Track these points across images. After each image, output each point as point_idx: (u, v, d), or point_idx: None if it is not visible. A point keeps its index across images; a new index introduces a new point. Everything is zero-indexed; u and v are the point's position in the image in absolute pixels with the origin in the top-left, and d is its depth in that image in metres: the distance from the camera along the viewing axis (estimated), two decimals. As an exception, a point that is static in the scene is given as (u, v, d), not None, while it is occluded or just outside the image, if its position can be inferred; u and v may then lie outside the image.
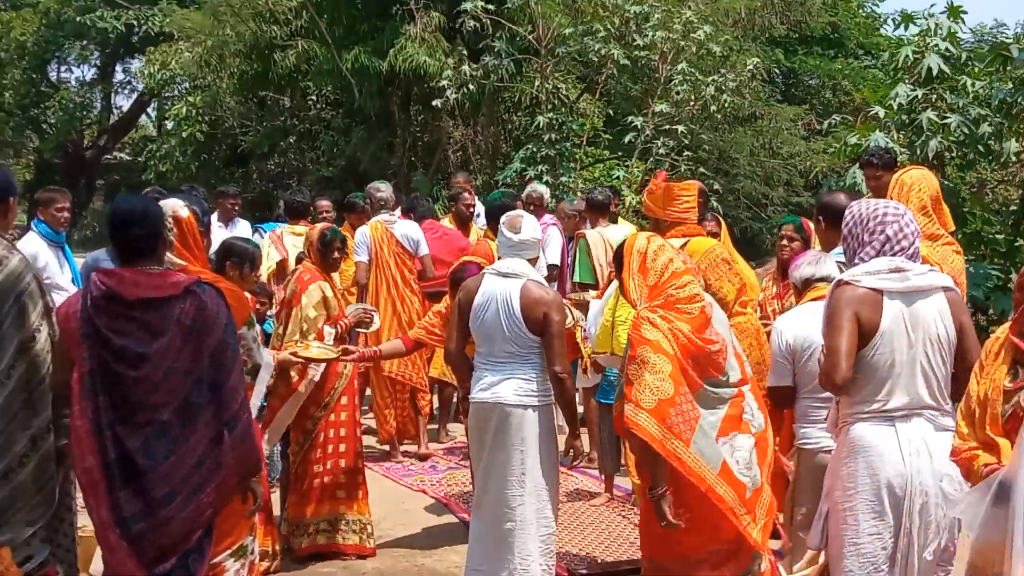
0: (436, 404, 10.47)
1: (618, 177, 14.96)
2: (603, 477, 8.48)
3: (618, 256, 5.32)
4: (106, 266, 5.09)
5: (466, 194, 11.00)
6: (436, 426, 10.45)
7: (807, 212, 19.58)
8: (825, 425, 5.12)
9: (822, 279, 5.41)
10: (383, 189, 9.78)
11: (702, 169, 15.50)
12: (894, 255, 4.59)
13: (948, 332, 4.55)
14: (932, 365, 4.54)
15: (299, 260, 7.89)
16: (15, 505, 4.51)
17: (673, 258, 5.22)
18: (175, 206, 4.96)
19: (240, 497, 4.99)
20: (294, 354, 6.06)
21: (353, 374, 7.34)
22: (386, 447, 9.71)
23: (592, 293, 8.43)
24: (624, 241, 5.37)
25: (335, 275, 7.73)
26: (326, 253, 7.33)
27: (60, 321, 4.48)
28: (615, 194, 11.16)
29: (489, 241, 8.69)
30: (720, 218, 7.39)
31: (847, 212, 4.81)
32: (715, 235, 6.99)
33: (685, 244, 5.83)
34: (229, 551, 4.95)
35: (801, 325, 5.25)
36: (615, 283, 6.27)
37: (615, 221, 10.29)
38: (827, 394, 5.06)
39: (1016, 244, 8.33)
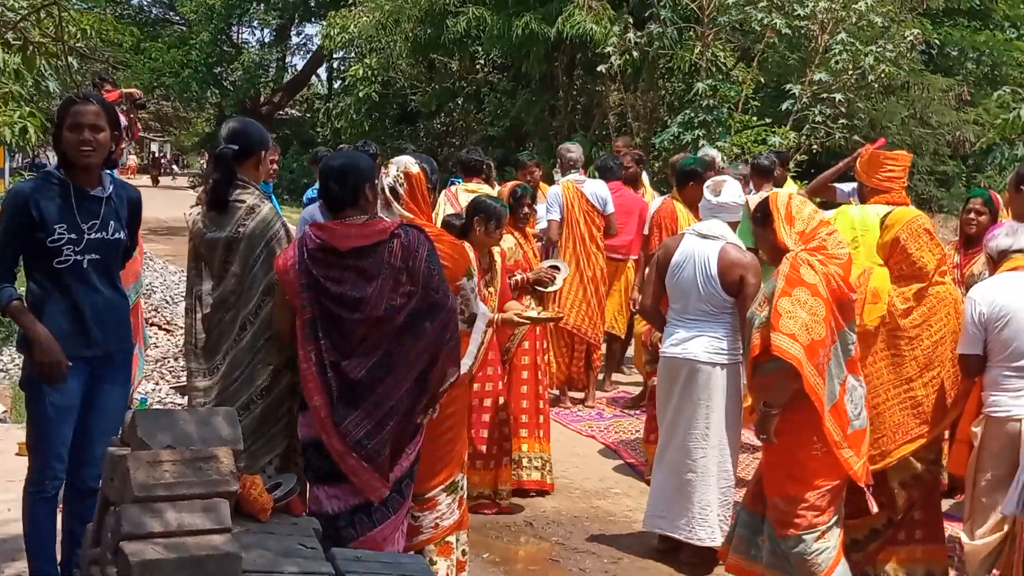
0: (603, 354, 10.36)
1: (773, 144, 14.63)
2: None
3: (763, 209, 5.16)
4: (318, 219, 5.08)
5: (628, 157, 10.81)
6: (602, 376, 10.34)
7: (948, 182, 18.98)
8: (1017, 394, 4.95)
9: (1019, 250, 5.16)
10: (573, 150, 9.65)
11: (856, 136, 15.15)
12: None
13: None
14: None
15: None
16: (253, 434, 4.56)
17: (816, 209, 5.15)
18: (407, 163, 4.94)
19: (451, 435, 5.02)
20: (518, 314, 6.01)
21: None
22: (556, 392, 9.65)
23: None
24: (767, 197, 5.22)
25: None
26: (517, 208, 7.30)
27: (279, 272, 4.46)
28: (781, 160, 10.85)
29: (675, 201, 8.49)
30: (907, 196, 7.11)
31: None
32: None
33: (889, 213, 5.62)
34: (442, 486, 5.02)
35: (997, 295, 5.01)
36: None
37: (780, 185, 10.02)
38: (1021, 363, 4.92)
39: None
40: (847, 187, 7.60)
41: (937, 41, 20.83)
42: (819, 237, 4.99)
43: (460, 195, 9.19)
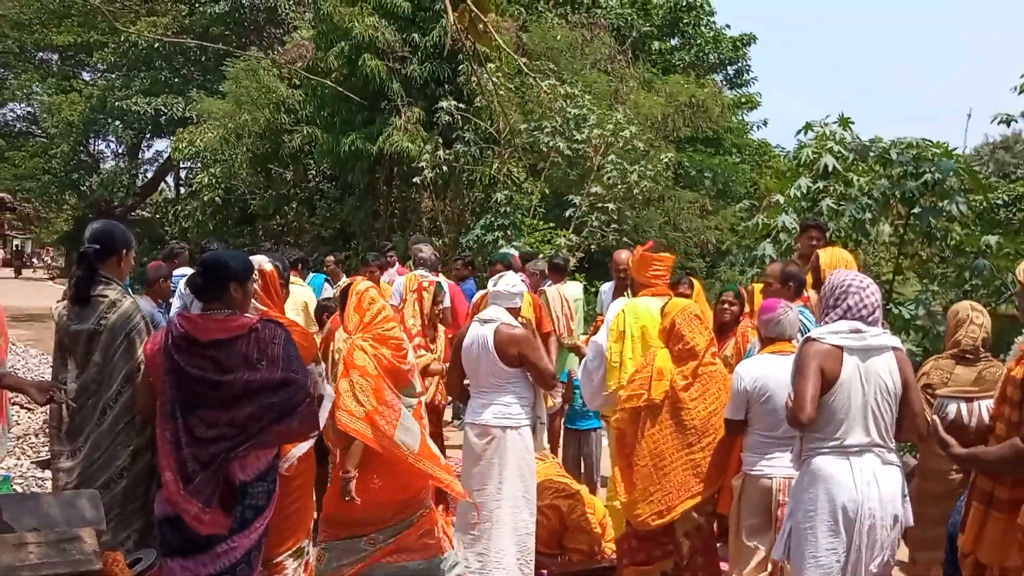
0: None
1: (559, 244, 14.79)
2: None
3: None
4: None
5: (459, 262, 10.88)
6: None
7: (695, 275, 19.57)
8: (771, 454, 4.95)
9: (783, 338, 5.20)
10: (425, 251, 9.37)
11: (625, 239, 15.46)
12: (854, 319, 4.42)
13: (895, 384, 4.39)
14: (881, 411, 4.36)
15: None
16: (112, 511, 4.17)
17: (384, 306, 5.35)
18: (261, 261, 4.68)
19: (298, 505, 4.72)
20: None
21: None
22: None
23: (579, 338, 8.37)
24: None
25: None
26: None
27: (146, 356, 4.21)
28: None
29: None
30: (694, 281, 7.19)
31: (826, 280, 4.65)
32: (687, 296, 6.82)
33: (667, 302, 5.63)
34: (289, 552, 4.72)
35: (760, 372, 5.03)
36: (611, 327, 6.11)
37: (569, 279, 10.10)
38: (774, 432, 4.92)
39: (887, 308, 8.33)
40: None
41: (684, 162, 21.68)
42: (376, 330, 5.16)
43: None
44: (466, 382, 6.01)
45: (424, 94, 16.93)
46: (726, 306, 6.94)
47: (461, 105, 16.06)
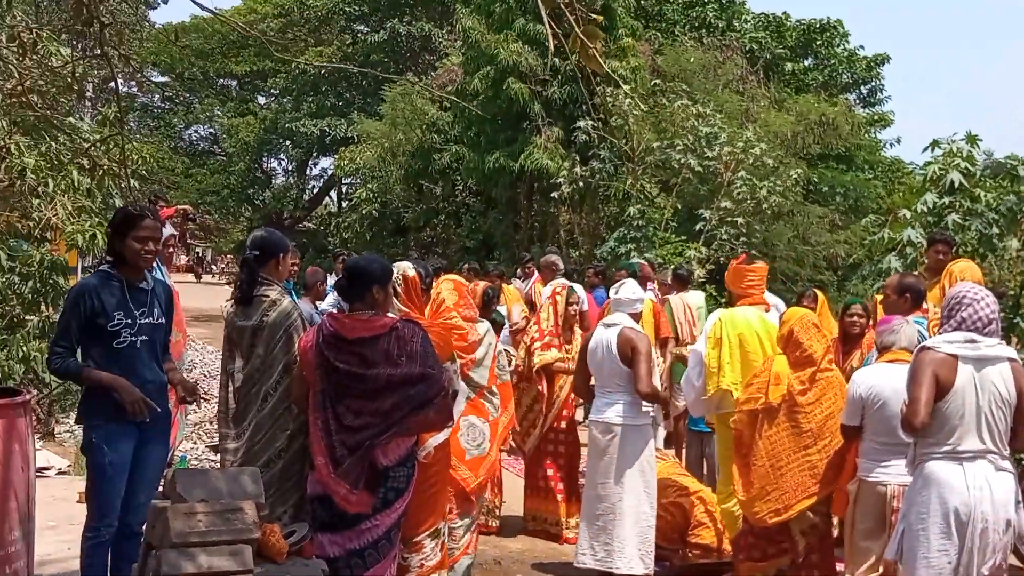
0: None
1: (689, 256, 14.66)
2: None
3: None
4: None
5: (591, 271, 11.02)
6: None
7: (822, 288, 19.06)
8: (886, 462, 4.83)
9: (900, 347, 5.06)
10: (555, 260, 9.60)
11: (753, 252, 15.20)
12: (970, 330, 4.29)
13: (1010, 393, 4.23)
14: (995, 419, 4.21)
15: None
16: (271, 488, 4.39)
17: (444, 299, 5.27)
18: (405, 267, 4.84)
19: (435, 490, 4.84)
20: None
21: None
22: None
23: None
24: None
25: None
26: (487, 305, 7.19)
27: (300, 352, 4.39)
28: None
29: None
30: (818, 293, 7.10)
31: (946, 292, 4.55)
32: (811, 308, 6.76)
33: (785, 311, 5.61)
34: (427, 532, 4.81)
35: (875, 380, 4.90)
36: (708, 335, 6.11)
37: (691, 289, 10.07)
38: (890, 439, 4.77)
39: (1015, 321, 7.98)
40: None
41: (815, 179, 21.14)
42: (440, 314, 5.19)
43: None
44: (592, 383, 6.08)
45: (563, 114, 17.05)
46: (854, 318, 6.79)
47: (597, 124, 16.10)
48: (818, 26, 28.18)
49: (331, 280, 8.49)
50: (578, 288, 9.14)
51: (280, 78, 32.88)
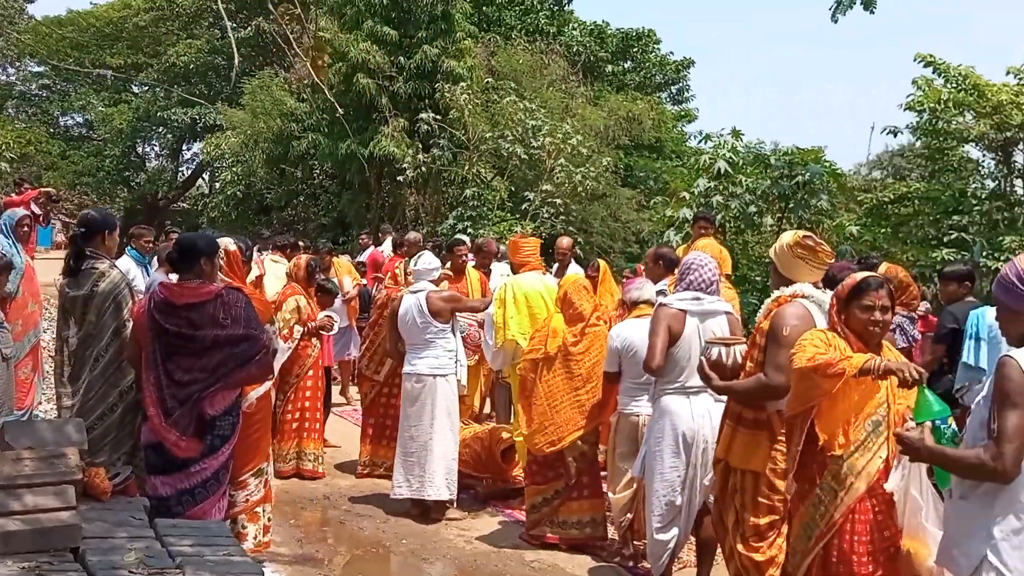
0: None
1: (516, 232, 14.99)
2: None
3: None
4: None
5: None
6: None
7: (636, 259, 19.78)
8: (638, 398, 5.17)
9: (644, 302, 5.44)
10: (411, 235, 9.67)
11: (570, 228, 15.67)
12: (696, 290, 4.68)
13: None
14: None
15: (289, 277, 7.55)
16: (107, 437, 4.42)
17: None
18: (227, 242, 4.86)
19: (258, 435, 4.90)
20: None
21: (318, 357, 7.14)
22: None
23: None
24: None
25: None
26: (310, 276, 7.27)
27: (134, 316, 4.42)
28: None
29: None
30: (601, 263, 7.46)
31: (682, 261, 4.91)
32: (594, 276, 7.10)
33: (565, 278, 5.94)
34: (251, 472, 4.85)
35: (627, 333, 5.20)
36: (496, 297, 6.42)
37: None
38: (641, 379, 5.08)
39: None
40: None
41: (630, 165, 21.84)
42: None
43: (266, 262, 9.08)
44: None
45: (408, 107, 17.05)
46: (625, 280, 7.20)
47: (438, 117, 16.21)
48: (635, 34, 28.99)
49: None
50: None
51: (153, 70, 31.41)
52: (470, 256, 8.10)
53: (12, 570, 3.06)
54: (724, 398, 4.58)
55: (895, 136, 13.60)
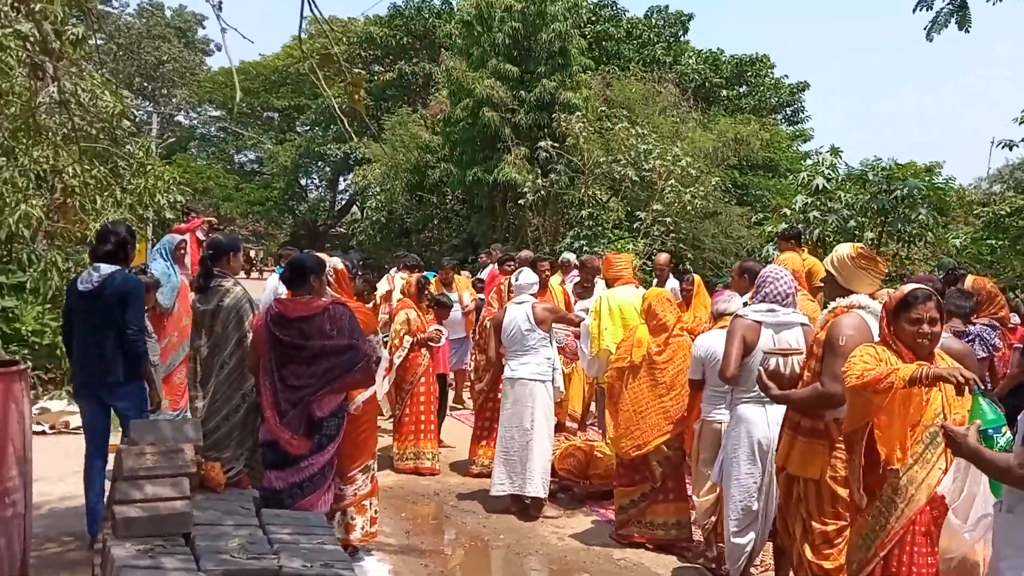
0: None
1: (629, 249, 14.80)
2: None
3: None
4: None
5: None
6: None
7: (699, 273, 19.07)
8: (720, 406, 4.99)
9: (730, 314, 5.24)
10: (523, 252, 9.72)
11: (681, 245, 15.36)
12: (771, 302, 4.47)
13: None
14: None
15: (403, 293, 7.71)
16: (232, 435, 4.59)
17: None
18: (335, 262, 5.00)
19: (365, 435, 4.99)
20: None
21: (428, 365, 7.21)
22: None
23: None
24: None
25: None
26: (420, 292, 7.39)
27: (253, 329, 4.57)
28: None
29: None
30: (695, 277, 7.26)
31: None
32: (688, 291, 6.92)
33: (647, 291, 5.79)
34: (358, 468, 4.95)
35: (710, 343, 5.03)
36: (592, 310, 6.30)
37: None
38: (723, 388, 4.88)
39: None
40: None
41: (740, 184, 21.23)
42: None
43: (395, 279, 9.26)
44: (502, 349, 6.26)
45: (528, 136, 17.16)
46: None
47: (556, 144, 16.24)
48: (748, 59, 28.23)
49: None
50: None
51: (312, 111, 32.98)
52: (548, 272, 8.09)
53: (129, 551, 3.23)
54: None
55: (1010, 150, 12.57)
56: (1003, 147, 11.54)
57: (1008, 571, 2.44)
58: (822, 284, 4.27)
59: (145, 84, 39.46)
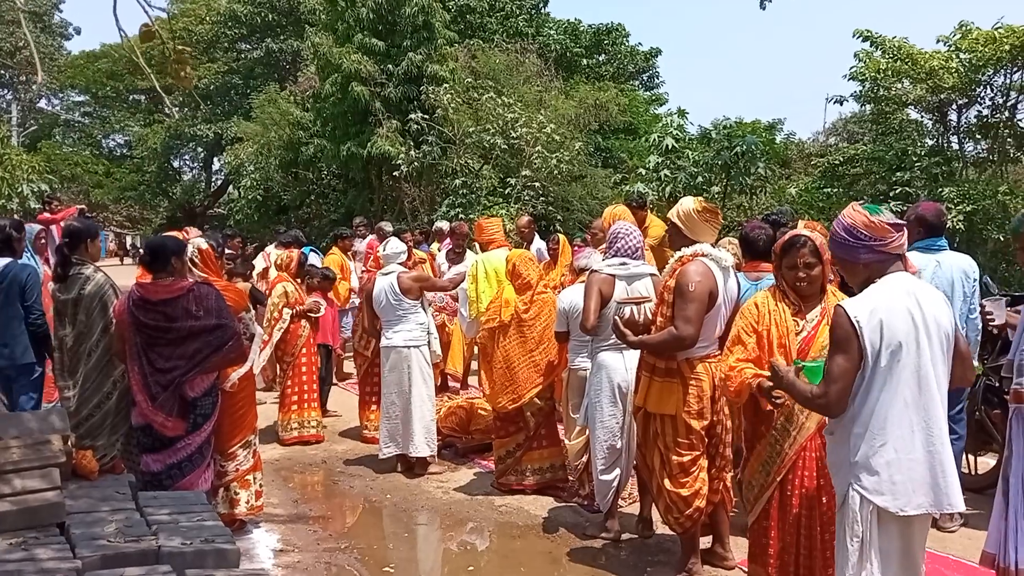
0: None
1: (501, 214, 14.89)
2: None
3: None
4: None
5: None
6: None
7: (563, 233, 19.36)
8: (582, 354, 5.10)
9: (587, 269, 5.36)
10: (386, 226, 9.59)
11: (550, 208, 15.56)
12: (623, 256, 4.61)
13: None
14: None
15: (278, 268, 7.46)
16: (105, 423, 4.40)
17: None
18: (199, 241, 4.81)
19: (243, 411, 4.87)
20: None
21: (309, 336, 7.10)
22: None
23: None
24: None
25: None
26: (300, 266, 7.27)
27: (116, 314, 4.38)
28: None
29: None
30: (561, 238, 7.38)
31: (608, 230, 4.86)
32: (555, 250, 7.03)
33: (510, 253, 5.85)
34: (239, 443, 4.84)
35: (572, 297, 5.14)
36: (468, 274, 6.33)
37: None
38: (585, 338, 5.00)
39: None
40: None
41: (604, 147, 21.65)
42: None
43: (271, 255, 9.04)
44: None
45: (399, 110, 16.85)
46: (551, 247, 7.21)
47: (426, 116, 16.05)
48: (605, 28, 28.62)
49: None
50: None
51: (179, 92, 31.21)
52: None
53: (1, 546, 3.06)
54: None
55: (841, 104, 13.37)
56: (835, 102, 12.29)
57: (836, 484, 2.68)
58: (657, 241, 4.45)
59: (1, 72, 36.36)
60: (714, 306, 3.87)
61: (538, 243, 8.50)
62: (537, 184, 14.94)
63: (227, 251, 7.47)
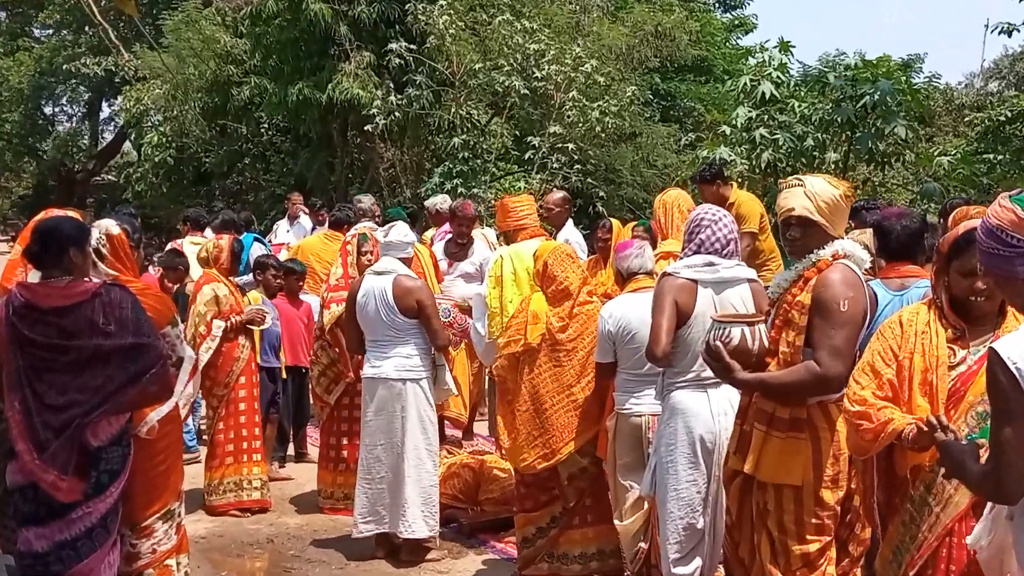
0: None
1: (520, 188, 14.98)
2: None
3: None
4: None
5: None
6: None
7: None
8: (638, 394, 5.16)
9: (645, 272, 5.40)
10: (364, 200, 9.69)
11: (590, 180, 15.64)
12: (708, 253, 4.65)
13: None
14: None
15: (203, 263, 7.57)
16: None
17: None
18: (108, 225, 4.88)
19: (164, 467, 4.93)
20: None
21: (249, 359, 7.22)
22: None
23: None
24: None
25: None
26: (235, 260, 7.37)
27: None
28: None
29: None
30: (614, 223, 7.43)
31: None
32: (605, 241, 7.09)
33: (539, 247, 5.89)
34: (158, 515, 4.89)
35: (621, 313, 5.20)
36: (489, 275, 6.38)
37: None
38: (642, 370, 5.08)
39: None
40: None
41: (664, 93, 21.69)
42: None
43: (184, 245, 9.17)
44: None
45: (374, 37, 16.94)
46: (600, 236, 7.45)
47: (412, 47, 16.13)
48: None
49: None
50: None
51: (54, 6, 31.48)
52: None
53: None
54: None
55: (1009, 36, 13.36)
56: (1000, 32, 12.27)
57: None
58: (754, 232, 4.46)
59: None
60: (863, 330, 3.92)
61: (570, 231, 8.54)
62: (571, 145, 15.02)
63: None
